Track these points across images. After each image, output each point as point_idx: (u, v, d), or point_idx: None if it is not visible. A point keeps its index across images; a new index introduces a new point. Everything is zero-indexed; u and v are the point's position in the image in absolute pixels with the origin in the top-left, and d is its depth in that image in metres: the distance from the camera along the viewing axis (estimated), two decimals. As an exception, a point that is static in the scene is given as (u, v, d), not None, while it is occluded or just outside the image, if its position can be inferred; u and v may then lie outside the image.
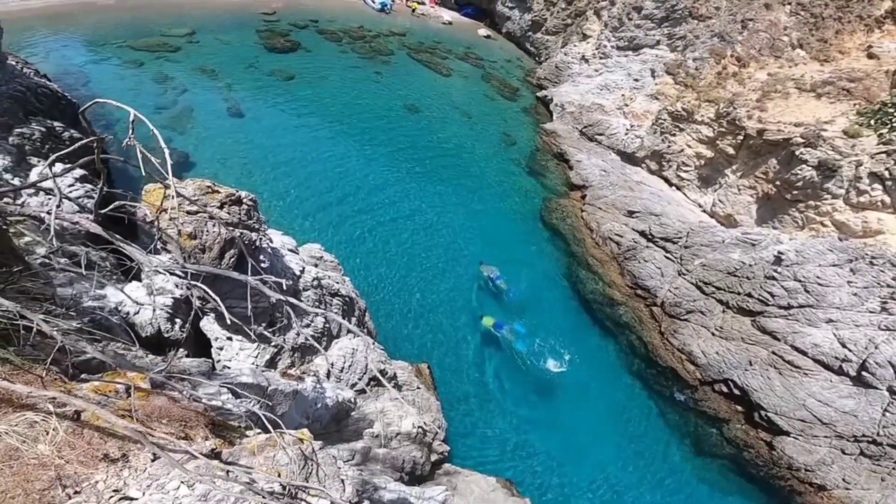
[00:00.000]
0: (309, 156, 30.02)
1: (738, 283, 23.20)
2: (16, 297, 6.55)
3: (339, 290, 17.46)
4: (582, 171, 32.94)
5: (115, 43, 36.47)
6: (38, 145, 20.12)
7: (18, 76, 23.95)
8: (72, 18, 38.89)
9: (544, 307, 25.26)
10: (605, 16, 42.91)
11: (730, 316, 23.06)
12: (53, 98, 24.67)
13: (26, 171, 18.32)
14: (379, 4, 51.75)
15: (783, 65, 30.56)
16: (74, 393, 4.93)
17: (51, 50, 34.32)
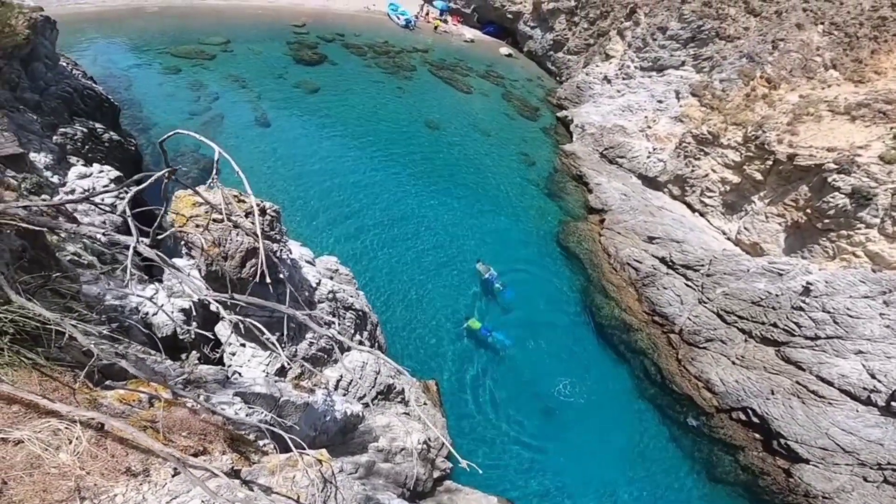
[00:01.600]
0: (329, 168, 30.36)
1: (763, 312, 22.85)
2: (48, 298, 6.79)
3: (352, 303, 17.61)
4: (601, 195, 32.47)
5: (157, 49, 37.72)
6: (78, 145, 20.72)
7: (68, 77, 24.70)
8: (120, 23, 40.36)
9: (557, 330, 25.24)
10: (628, 36, 42.59)
11: (752, 345, 22.77)
12: (97, 100, 25.44)
13: (66, 169, 18.87)
14: (403, 21, 52.37)
15: (816, 86, 29.59)
16: (100, 401, 5.11)
17: (99, 53, 35.65)
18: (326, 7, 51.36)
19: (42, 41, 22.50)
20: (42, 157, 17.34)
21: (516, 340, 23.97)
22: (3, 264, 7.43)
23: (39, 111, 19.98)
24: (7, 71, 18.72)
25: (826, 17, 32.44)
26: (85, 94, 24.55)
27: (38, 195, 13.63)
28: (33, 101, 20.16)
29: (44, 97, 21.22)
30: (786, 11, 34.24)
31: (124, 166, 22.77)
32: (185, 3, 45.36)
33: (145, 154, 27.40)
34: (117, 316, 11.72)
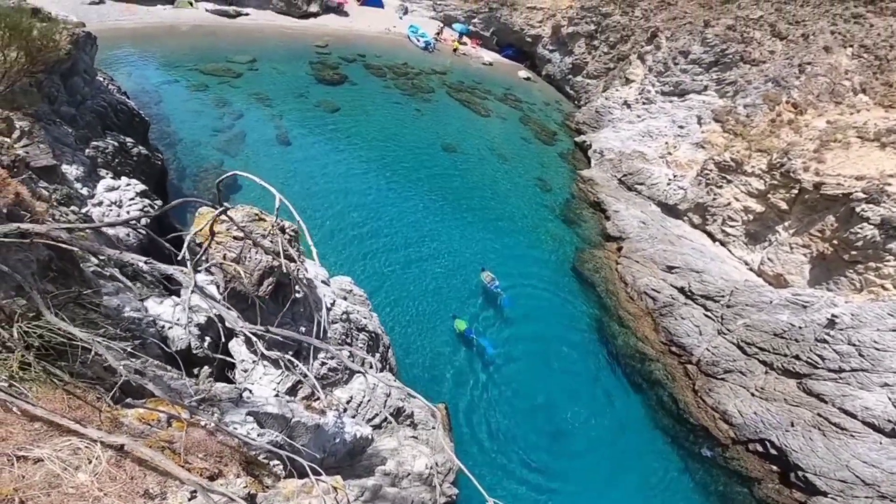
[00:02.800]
0: (347, 188, 30.60)
1: (785, 344, 22.53)
2: (70, 308, 6.95)
3: (366, 325, 17.64)
4: (619, 222, 32.02)
5: (187, 66, 38.67)
6: (109, 158, 21.19)
7: (103, 92, 25.32)
8: (155, 40, 41.56)
9: (571, 357, 25.13)
10: (649, 60, 42.35)
11: (773, 377, 22.50)
12: (129, 115, 26.03)
13: (95, 181, 19.31)
14: (423, 43, 52.98)
15: (844, 111, 28.94)
16: (121, 420, 5.23)
17: (133, 68, 36.68)
18: (349, 28, 52.35)
19: (82, 56, 23.08)
20: (73, 170, 17.74)
21: (529, 366, 23.89)
22: (31, 275, 7.66)
23: (75, 124, 20.42)
24: (47, 84, 19.18)
25: (855, 39, 31.91)
26: (118, 109, 25.15)
27: (67, 206, 14.01)
28: (69, 114, 20.61)
29: (80, 111, 21.71)
30: (813, 34, 33.88)
31: (150, 180, 23.23)
32: (216, 22, 46.59)
33: (170, 168, 27.82)
34: (135, 329, 11.91)
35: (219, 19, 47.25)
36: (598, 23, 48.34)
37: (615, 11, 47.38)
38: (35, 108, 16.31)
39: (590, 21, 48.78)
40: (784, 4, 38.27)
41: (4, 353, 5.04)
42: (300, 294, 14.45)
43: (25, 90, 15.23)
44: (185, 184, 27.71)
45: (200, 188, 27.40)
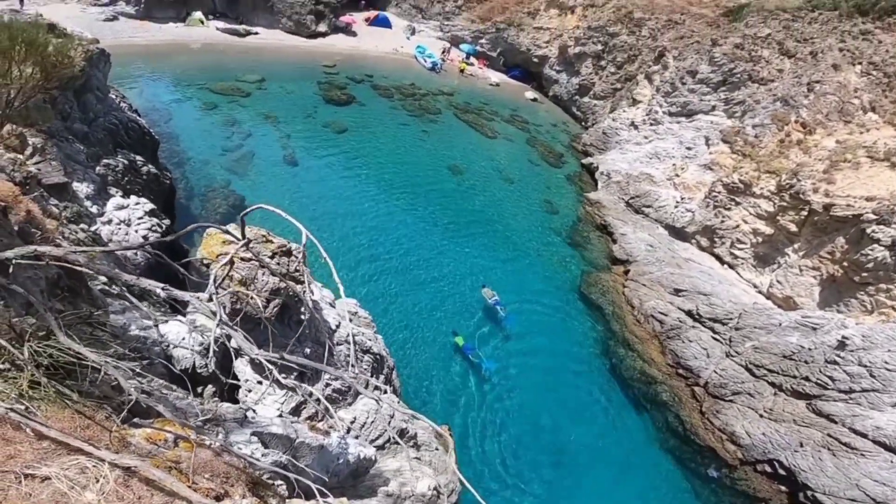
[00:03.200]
0: (353, 210, 30.71)
1: (795, 366, 22.54)
2: (76, 326, 6.98)
3: (370, 347, 17.66)
4: (626, 245, 31.83)
5: (198, 84, 39.29)
6: (119, 177, 21.38)
7: (115, 109, 25.65)
8: (167, 57, 42.33)
9: (577, 379, 25.07)
10: (656, 80, 42.23)
11: (782, 399, 22.54)
12: (140, 133, 26.29)
13: (105, 199, 19.48)
14: (430, 63, 53.30)
15: (853, 131, 28.74)
16: (128, 440, 5.26)
17: (145, 86, 37.39)
18: (357, 48, 52.96)
19: (95, 73, 23.39)
20: (84, 187, 17.89)
21: (534, 387, 23.88)
22: (40, 292, 7.71)
23: (86, 142, 20.62)
24: (61, 101, 19.35)
25: (864, 56, 31.82)
26: (129, 127, 25.40)
27: (76, 224, 14.14)
28: (82, 131, 20.82)
29: (92, 128, 21.95)
30: (821, 52, 33.79)
31: (159, 199, 23.38)
32: (226, 40, 47.40)
33: (179, 188, 28.05)
34: (140, 347, 11.93)
35: (229, 38, 48.07)
36: (605, 43, 48.43)
37: (622, 31, 47.47)
38: (48, 125, 16.48)
39: (597, 41, 48.89)
40: (792, 22, 38.25)
41: (14, 371, 5.06)
42: (306, 316, 14.54)
43: (39, 106, 15.40)
44: (193, 203, 27.90)
45: (208, 208, 27.57)
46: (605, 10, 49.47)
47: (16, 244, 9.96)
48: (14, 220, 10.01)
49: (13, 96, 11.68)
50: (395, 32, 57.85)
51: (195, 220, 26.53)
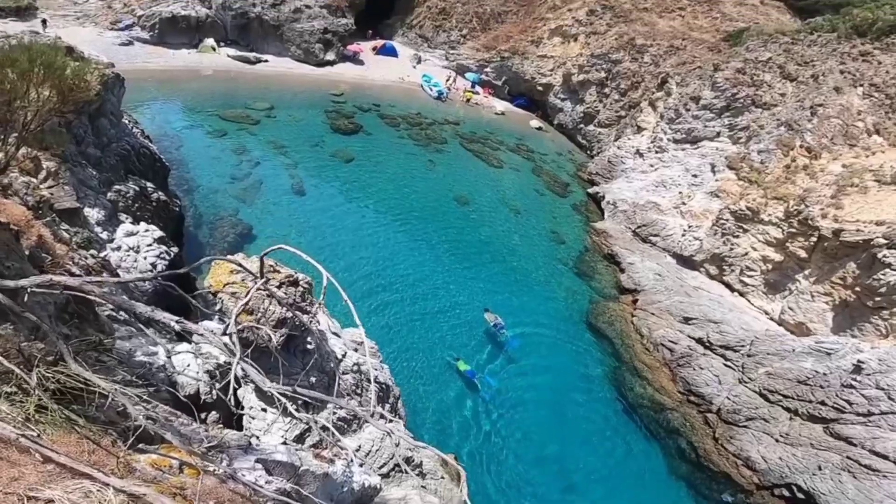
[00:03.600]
0: (359, 240, 30.69)
1: (810, 391, 22.41)
2: (82, 350, 7.01)
3: (377, 376, 17.66)
4: (634, 275, 31.60)
5: (208, 111, 39.87)
6: (129, 203, 21.48)
7: (128, 135, 25.88)
8: (179, 83, 43.17)
9: (586, 407, 24.84)
10: (660, 107, 42.15)
11: (798, 423, 22.38)
12: (151, 159, 26.50)
13: (115, 225, 19.59)
14: (436, 92, 53.63)
15: (859, 154, 28.60)
16: (133, 465, 5.19)
17: (157, 112, 37.95)
18: (364, 77, 53.60)
19: (110, 97, 23.59)
20: (95, 213, 18.01)
21: (541, 415, 23.66)
22: (48, 317, 7.75)
23: (99, 167, 20.77)
24: (76, 125, 19.50)
25: (865, 78, 31.90)
26: (141, 153, 25.60)
27: (86, 249, 14.25)
28: (95, 156, 20.98)
29: (105, 153, 22.11)
30: (822, 75, 33.84)
31: (168, 226, 23.49)
32: (236, 67, 48.27)
33: (187, 215, 28.22)
34: (145, 373, 11.94)
35: (239, 65, 49.00)
36: (608, 70, 48.75)
37: (625, 58, 47.80)
38: (63, 149, 16.66)
39: (600, 68, 49.22)
40: (792, 45, 38.48)
41: (20, 395, 5.07)
42: (312, 345, 14.61)
43: (55, 130, 15.56)
44: (202, 231, 28.05)
45: (216, 236, 27.68)
46: (608, 37, 49.93)
47: (26, 269, 10.06)
48: (25, 244, 10.12)
49: (30, 119, 11.79)
50: (402, 61, 58.54)
51: (203, 247, 26.80)
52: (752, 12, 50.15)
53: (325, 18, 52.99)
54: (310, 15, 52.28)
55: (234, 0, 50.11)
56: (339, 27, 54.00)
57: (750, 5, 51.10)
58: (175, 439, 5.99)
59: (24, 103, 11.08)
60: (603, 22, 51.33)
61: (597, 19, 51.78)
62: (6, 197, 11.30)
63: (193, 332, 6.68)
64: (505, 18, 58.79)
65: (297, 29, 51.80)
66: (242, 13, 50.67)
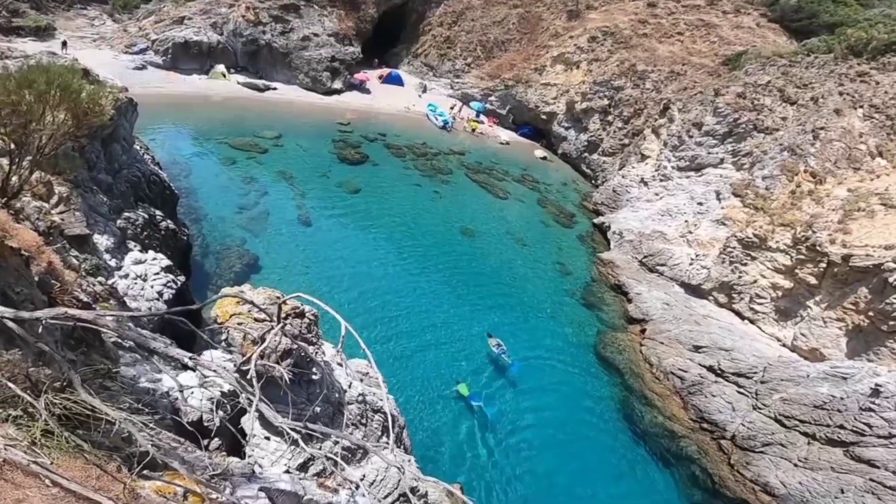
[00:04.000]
0: (365, 272, 30.60)
1: (828, 415, 22.22)
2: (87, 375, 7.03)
3: (381, 406, 17.61)
4: (642, 305, 31.33)
5: (217, 139, 40.27)
6: (138, 231, 21.50)
7: (139, 161, 25.94)
8: (189, 109, 43.74)
9: (596, 436, 24.54)
10: (663, 134, 42.23)
11: (816, 447, 22.12)
12: (161, 187, 26.59)
13: (123, 253, 19.58)
14: (441, 122, 54.01)
15: (864, 178, 28.52)
16: (138, 492, 5.11)
17: (167, 138, 38.33)
18: (370, 106, 54.19)
19: (123, 123, 23.60)
20: (104, 240, 18.04)
21: (549, 444, 23.29)
22: (54, 342, 7.78)
23: (110, 193, 20.80)
24: (89, 150, 19.54)
25: (864, 99, 32.05)
26: (151, 180, 25.69)
27: (94, 276, 14.33)
28: (106, 182, 21.02)
29: (116, 180, 22.16)
30: (822, 97, 33.94)
31: (175, 255, 23.48)
32: (245, 95, 48.98)
33: (195, 244, 28.29)
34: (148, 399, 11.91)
35: (249, 92, 49.77)
36: (610, 97, 49.14)
37: (627, 84, 48.29)
38: (75, 175, 16.70)
39: (603, 95, 49.65)
40: (790, 67, 38.82)
41: (25, 418, 5.01)
42: (317, 376, 14.60)
43: (68, 154, 15.59)
44: (208, 260, 28.05)
45: (223, 266, 27.66)
46: (609, 63, 50.50)
47: (35, 294, 10.14)
48: (35, 270, 10.19)
49: (45, 142, 11.83)
50: (407, 90, 59.14)
51: (210, 277, 26.86)
52: (749, 35, 50.88)
53: (333, 46, 53.96)
54: (318, 43, 53.29)
55: (244, 27, 51.14)
56: (347, 55, 54.91)
57: (746, 28, 51.88)
58: (181, 467, 5.94)
59: (39, 126, 11.17)
60: (604, 48, 51.95)
61: (598, 46, 52.40)
62: (18, 221, 11.39)
63: (206, 367, 6.83)
64: (508, 46, 59.39)
65: (305, 57, 52.77)
66: (252, 40, 51.70)
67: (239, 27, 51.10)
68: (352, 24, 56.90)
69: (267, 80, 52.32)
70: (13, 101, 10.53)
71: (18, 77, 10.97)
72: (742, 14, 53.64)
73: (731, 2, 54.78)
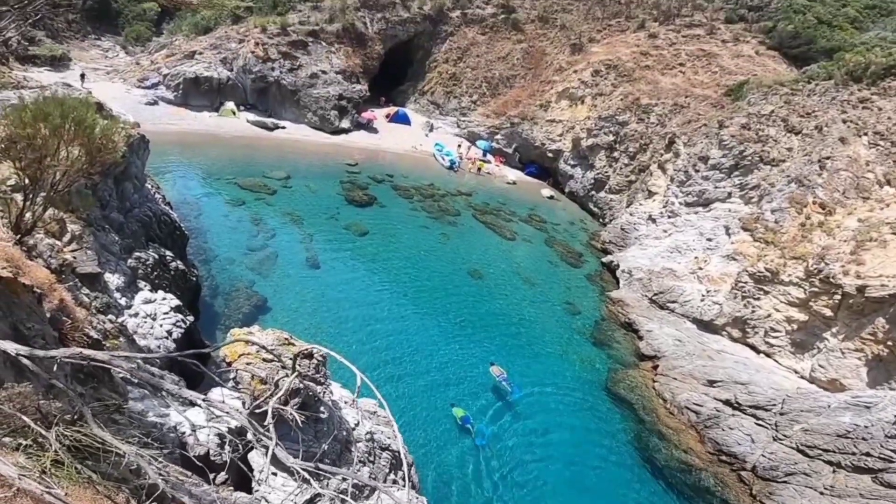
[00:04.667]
0: (373, 314, 30.45)
1: (852, 444, 21.86)
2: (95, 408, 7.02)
3: (389, 444, 17.55)
4: (653, 342, 30.92)
5: (227, 178, 40.69)
6: (148, 271, 21.58)
7: (150, 200, 26.11)
8: (199, 147, 44.30)
9: (609, 472, 24.02)
10: (669, 169, 42.00)
11: (843, 475, 21.70)
12: (171, 227, 26.73)
13: (133, 292, 19.67)
14: (448, 162, 54.13)
15: (873, 207, 28.36)
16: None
17: (177, 177, 38.79)
18: (377, 145, 54.54)
19: (135, 160, 23.74)
20: (115, 279, 18.13)
21: (562, 479, 22.87)
22: (64, 376, 7.80)
23: (121, 233, 20.92)
24: (101, 188, 19.66)
25: (867, 126, 31.95)
26: (162, 220, 25.86)
27: (105, 315, 14.35)
28: (118, 221, 21.17)
29: (127, 219, 22.32)
30: (826, 125, 33.85)
31: (184, 295, 23.52)
32: (254, 133, 49.53)
33: (204, 285, 28.35)
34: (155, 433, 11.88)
35: (258, 131, 50.25)
36: (615, 132, 49.23)
37: (631, 119, 48.44)
38: (88, 213, 16.82)
39: (608, 131, 49.76)
40: (792, 96, 38.89)
41: (35, 448, 5.05)
42: (325, 415, 14.55)
43: (82, 192, 15.75)
44: (217, 301, 28.08)
45: (231, 307, 27.69)
46: (613, 97, 50.83)
47: (46, 331, 10.18)
48: (47, 307, 10.25)
49: (58, 179, 11.88)
50: (414, 129, 59.42)
51: (219, 317, 26.90)
52: (749, 63, 51.25)
53: (341, 84, 54.59)
54: (326, 80, 53.90)
55: (253, 63, 51.97)
56: (354, 93, 55.54)
57: (746, 57, 52.31)
58: (188, 501, 5.84)
59: (54, 161, 11.24)
60: (608, 82, 52.39)
61: (601, 79, 52.90)
62: (31, 258, 11.47)
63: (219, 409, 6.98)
64: (513, 82, 59.94)
65: (313, 95, 53.34)
66: (262, 77, 52.50)
67: (248, 63, 51.96)
68: (359, 60, 57.77)
69: (276, 118, 52.88)
70: (29, 135, 10.63)
71: (34, 109, 11.01)
72: (741, 42, 54.25)
73: (729, 30, 55.46)
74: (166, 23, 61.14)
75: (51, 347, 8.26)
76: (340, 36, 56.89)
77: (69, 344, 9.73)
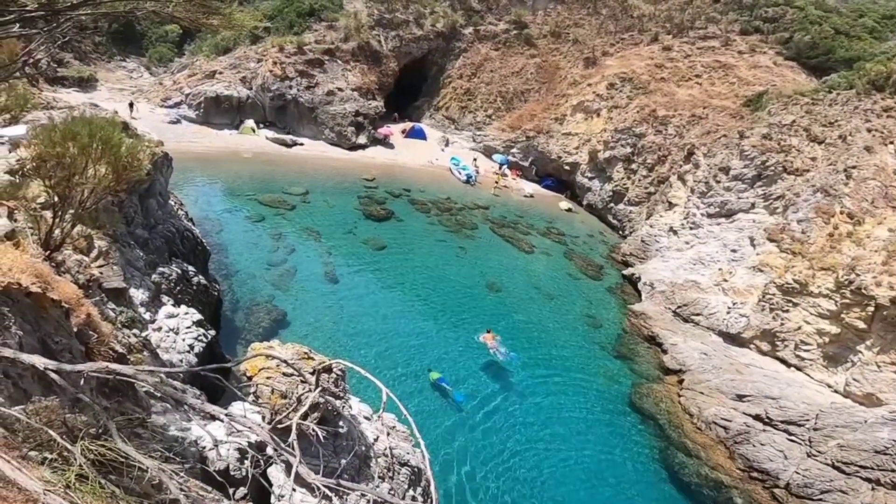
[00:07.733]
0: (391, 328, 30.35)
1: (892, 460, 21.18)
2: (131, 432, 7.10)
3: (408, 460, 17.36)
4: (678, 355, 30.23)
5: (247, 194, 41.30)
6: (171, 286, 21.79)
7: (173, 217, 26.43)
8: (220, 164, 45.11)
9: (635, 491, 23.39)
10: (689, 180, 41.43)
11: (882, 492, 21.08)
12: (193, 243, 27.02)
13: (157, 307, 19.86)
14: (465, 176, 54.03)
15: None
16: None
17: (200, 194, 39.48)
18: (394, 160, 54.96)
19: (159, 178, 24.09)
20: (140, 294, 18.34)
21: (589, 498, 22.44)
22: (90, 390, 7.87)
23: (146, 248, 21.17)
24: (127, 205, 19.97)
25: (893, 135, 31.40)
26: (184, 236, 26.14)
27: (129, 329, 14.52)
28: (143, 237, 21.44)
29: (151, 235, 22.60)
30: (850, 135, 33.24)
31: (206, 310, 23.67)
32: (273, 150, 50.43)
33: (225, 300, 28.52)
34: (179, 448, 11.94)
35: (277, 148, 51.24)
36: (633, 144, 48.68)
37: (648, 131, 47.84)
38: (114, 229, 17.15)
39: (625, 143, 49.24)
40: (813, 106, 38.18)
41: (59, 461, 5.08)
42: (343, 429, 14.56)
43: (108, 209, 16.13)
44: (238, 316, 28.28)
45: (251, 321, 27.86)
46: (629, 110, 50.33)
47: (73, 345, 10.30)
48: (74, 321, 10.38)
49: (86, 196, 12.12)
50: (430, 144, 59.79)
51: (239, 331, 27.06)
52: (767, 74, 50.24)
53: (357, 101, 55.34)
54: (342, 97, 54.72)
55: (272, 81, 53.04)
56: (370, 109, 56.24)
57: (764, 67, 51.30)
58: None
59: (82, 180, 11.52)
60: (623, 95, 52.01)
61: (617, 92, 52.54)
62: (59, 274, 11.67)
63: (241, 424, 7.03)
64: (528, 96, 59.91)
65: (330, 112, 54.15)
66: (280, 95, 53.44)
67: (267, 82, 53.00)
68: (374, 77, 58.49)
69: (294, 135, 53.86)
70: (58, 154, 10.92)
71: (63, 129, 11.28)
72: (758, 53, 53.34)
73: (745, 42, 54.58)
74: (188, 44, 62.62)
75: (77, 362, 8.37)
76: (356, 54, 57.71)
77: (95, 358, 9.85)
